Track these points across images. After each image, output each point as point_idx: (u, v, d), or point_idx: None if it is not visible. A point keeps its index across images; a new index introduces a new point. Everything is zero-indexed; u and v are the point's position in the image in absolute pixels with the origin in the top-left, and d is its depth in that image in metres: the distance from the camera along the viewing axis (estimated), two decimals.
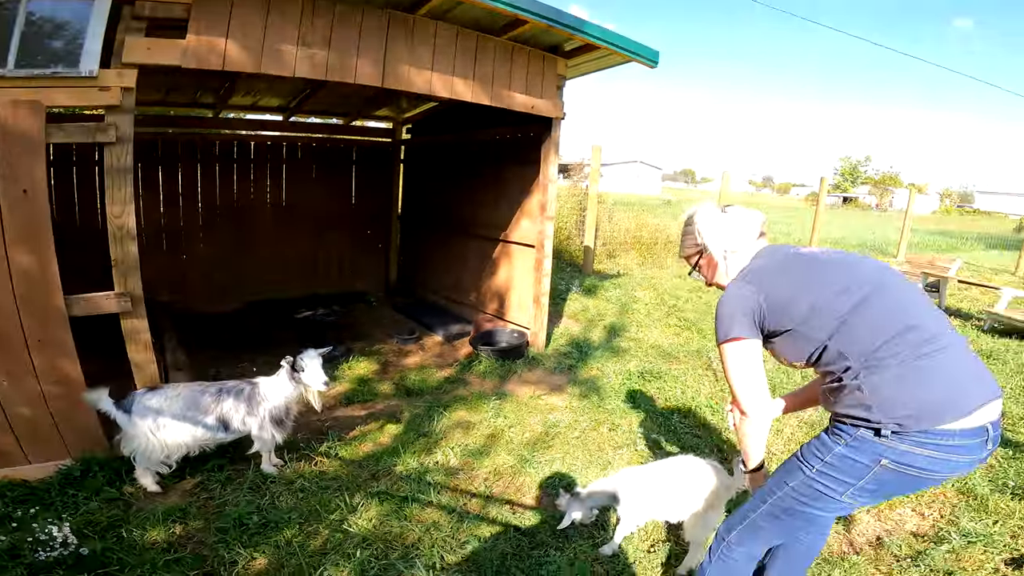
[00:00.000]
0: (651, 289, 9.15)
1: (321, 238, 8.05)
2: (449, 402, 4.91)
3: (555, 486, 3.67)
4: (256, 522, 3.04)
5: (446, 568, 2.81)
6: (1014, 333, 7.46)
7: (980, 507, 3.41)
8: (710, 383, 5.54)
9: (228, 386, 3.56)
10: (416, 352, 6.37)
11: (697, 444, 4.31)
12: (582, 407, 4.94)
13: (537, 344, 6.24)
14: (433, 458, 3.96)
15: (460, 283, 7.53)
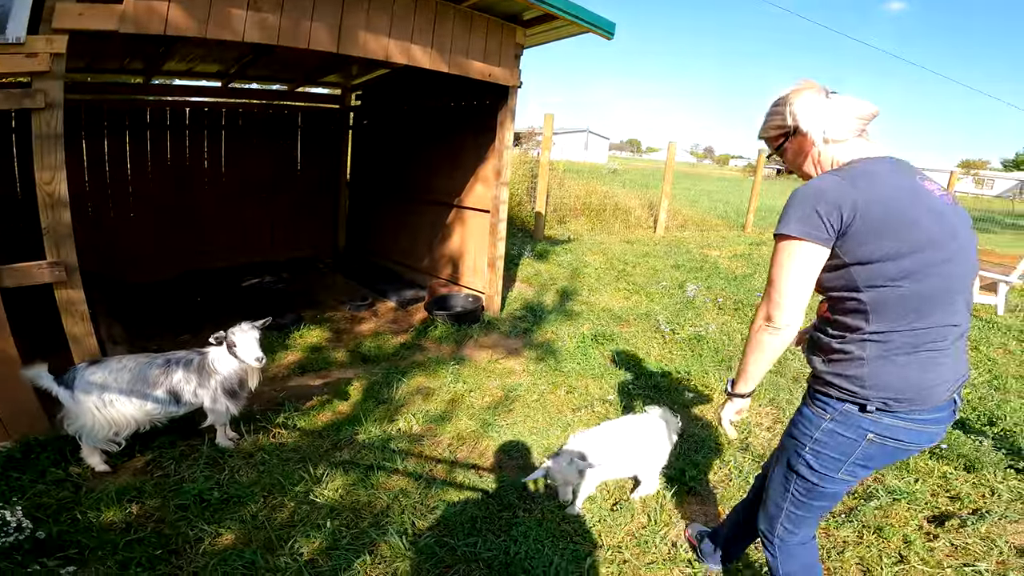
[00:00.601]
0: (601, 254, 9.25)
1: (265, 205, 7.65)
2: (407, 368, 4.85)
3: (518, 449, 3.72)
4: (217, 497, 2.93)
5: (418, 533, 2.81)
6: None
7: (903, 466, 3.64)
8: (659, 345, 5.70)
9: (177, 357, 3.35)
10: (370, 319, 6.23)
11: (650, 401, 4.42)
12: (539, 370, 4.99)
13: (492, 308, 6.23)
14: (395, 425, 3.91)
15: (413, 249, 7.39)
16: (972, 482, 3.42)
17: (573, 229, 11.57)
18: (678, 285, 7.85)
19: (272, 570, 2.49)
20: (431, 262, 7.10)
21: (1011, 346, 6.10)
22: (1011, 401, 4.59)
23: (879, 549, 2.83)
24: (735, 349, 5.61)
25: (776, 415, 4.31)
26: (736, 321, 6.52)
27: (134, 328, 5.15)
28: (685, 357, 5.39)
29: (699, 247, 10.95)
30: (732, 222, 15.74)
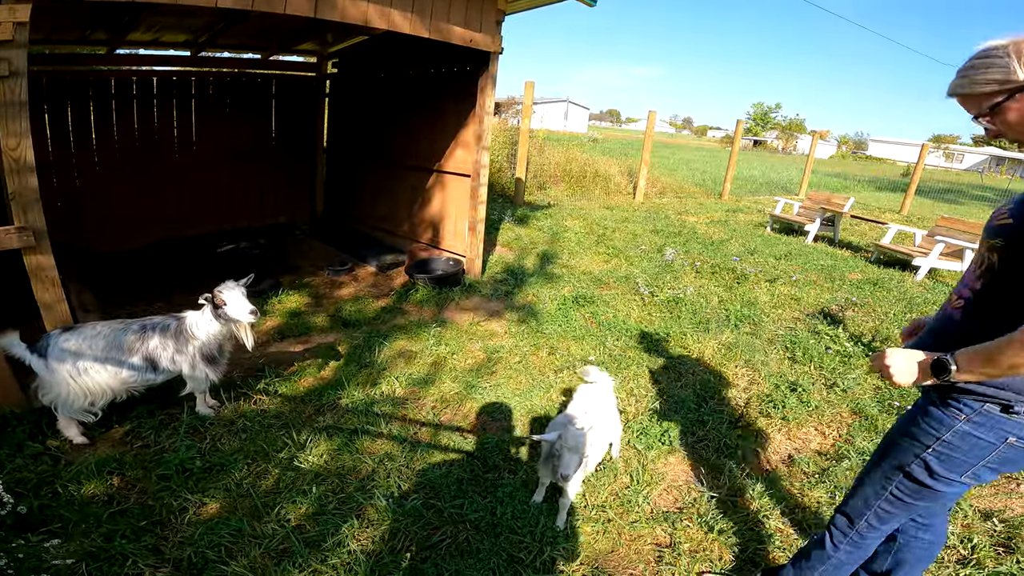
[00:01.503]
0: (581, 219, 9.22)
1: (239, 173, 7.36)
2: (388, 332, 4.79)
3: (501, 411, 3.72)
4: (200, 467, 2.86)
5: (405, 496, 2.79)
6: (896, 263, 8.22)
7: (871, 427, 3.73)
8: (638, 307, 5.71)
9: (153, 322, 3.19)
10: (349, 283, 6.10)
11: (630, 362, 4.48)
12: (521, 332, 4.97)
13: (473, 271, 6.16)
14: (378, 389, 3.86)
15: (392, 214, 7.25)
16: None
17: (553, 195, 11.55)
18: (657, 249, 7.88)
19: (259, 537, 2.45)
20: (411, 227, 6.98)
21: None
22: None
23: None
24: (712, 311, 5.66)
25: (752, 376, 4.38)
26: (713, 284, 6.57)
27: (107, 297, 4.95)
28: (664, 319, 5.42)
29: (677, 213, 11.02)
30: (710, 190, 15.86)
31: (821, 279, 7.14)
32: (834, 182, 22.71)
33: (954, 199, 21.67)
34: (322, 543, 2.45)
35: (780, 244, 9.09)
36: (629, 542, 2.61)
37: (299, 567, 2.32)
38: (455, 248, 6.39)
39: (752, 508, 2.88)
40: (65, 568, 2.17)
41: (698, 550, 2.58)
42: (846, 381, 4.26)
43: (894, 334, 5.24)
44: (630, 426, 3.56)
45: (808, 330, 5.34)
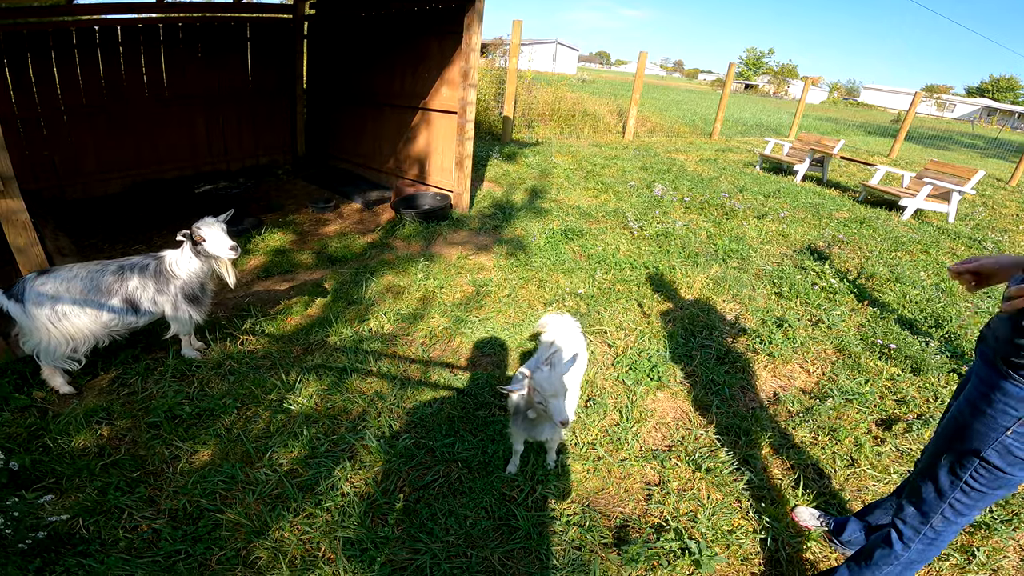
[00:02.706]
0: (569, 156, 8.94)
1: (215, 117, 6.94)
2: (376, 267, 4.63)
3: (491, 345, 3.64)
4: (189, 412, 2.76)
5: (396, 435, 2.73)
6: (883, 204, 8.12)
7: (854, 365, 3.68)
8: (627, 241, 5.57)
9: (131, 263, 2.99)
10: (334, 220, 5.86)
11: (619, 295, 4.39)
12: (510, 265, 4.83)
13: (461, 206, 5.96)
14: (367, 326, 3.75)
15: (377, 152, 6.97)
16: (918, 385, 3.47)
17: (541, 133, 11.20)
18: (646, 185, 7.68)
19: (251, 483, 2.39)
20: (396, 163, 6.72)
21: (959, 251, 6.20)
22: (956, 304, 4.68)
23: (833, 451, 2.87)
24: (701, 245, 5.55)
25: (739, 310, 4.32)
26: (703, 219, 6.43)
27: (84, 242, 4.72)
28: (653, 252, 5.30)
29: (667, 151, 10.76)
30: (699, 130, 15.47)
31: (809, 216, 7.02)
32: (825, 126, 22.20)
33: (944, 145, 21.36)
34: (315, 487, 2.39)
35: (769, 182, 8.90)
36: (619, 480, 2.59)
37: (293, 512, 2.27)
38: (442, 184, 6.17)
39: (739, 447, 2.86)
40: (62, 525, 2.10)
41: (686, 488, 2.56)
42: (831, 317, 4.21)
43: (880, 271, 5.19)
44: (619, 361, 3.52)
45: (795, 266, 5.26)
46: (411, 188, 6.38)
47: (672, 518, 2.37)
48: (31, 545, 1.95)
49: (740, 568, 2.19)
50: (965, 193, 7.33)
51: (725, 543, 2.27)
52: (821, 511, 2.44)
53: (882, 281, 5.03)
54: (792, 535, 2.34)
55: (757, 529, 2.36)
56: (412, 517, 2.28)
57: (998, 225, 7.54)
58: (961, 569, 2.24)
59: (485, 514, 2.32)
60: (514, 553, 2.18)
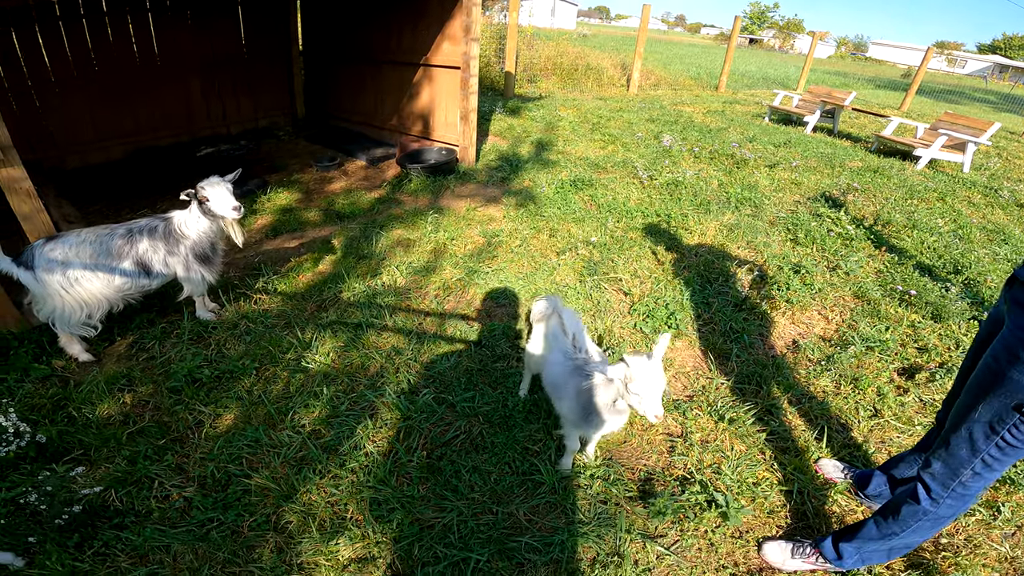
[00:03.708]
0: (574, 109, 8.63)
1: (211, 81, 6.64)
2: (384, 222, 4.47)
3: (506, 295, 3.52)
4: (209, 375, 2.67)
5: (415, 391, 2.65)
6: (896, 154, 7.86)
7: (873, 312, 3.53)
8: (637, 190, 5.37)
9: (139, 225, 2.85)
10: (339, 177, 5.66)
11: (632, 243, 4.24)
12: (520, 216, 4.67)
13: (467, 159, 5.74)
14: (379, 280, 3.62)
15: (379, 109, 6.72)
16: (939, 333, 3.34)
17: (544, 88, 10.83)
18: (653, 136, 7.42)
19: (276, 446, 2.32)
20: (399, 120, 6.48)
21: (975, 199, 5.98)
22: (975, 251, 4.51)
23: (856, 401, 2.77)
24: (712, 194, 5.36)
25: (754, 257, 4.17)
26: (713, 168, 6.19)
27: (88, 208, 4.55)
28: (664, 201, 5.12)
29: (672, 104, 10.39)
30: (705, 83, 14.90)
31: (821, 166, 6.76)
32: (833, 79, 21.40)
33: (955, 100, 20.59)
34: (338, 447, 2.32)
35: (779, 133, 8.58)
36: (641, 432, 2.51)
37: (319, 474, 2.20)
38: (447, 138, 5.95)
39: (760, 396, 2.77)
40: (96, 497, 2.04)
41: (709, 440, 2.49)
42: (848, 264, 4.07)
43: (896, 218, 5.00)
44: (635, 309, 3.40)
45: (809, 213, 5.07)
46: (415, 144, 6.16)
47: (696, 470, 2.30)
48: (68, 520, 1.89)
49: (766, 520, 2.13)
50: (980, 144, 7.09)
51: (751, 495, 2.20)
52: (845, 463, 2.35)
53: (899, 228, 4.85)
54: (817, 488, 2.27)
55: (782, 481, 2.29)
56: (436, 474, 2.22)
57: (1013, 175, 7.28)
58: (987, 525, 2.16)
59: (509, 469, 2.26)
60: (539, 508, 2.11)
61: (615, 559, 1.92)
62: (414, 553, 1.91)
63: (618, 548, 1.97)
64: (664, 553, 1.97)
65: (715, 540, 2.02)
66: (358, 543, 1.94)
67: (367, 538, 1.95)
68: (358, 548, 1.93)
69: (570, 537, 1.99)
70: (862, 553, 1.79)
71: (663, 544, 2.00)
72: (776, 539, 2.00)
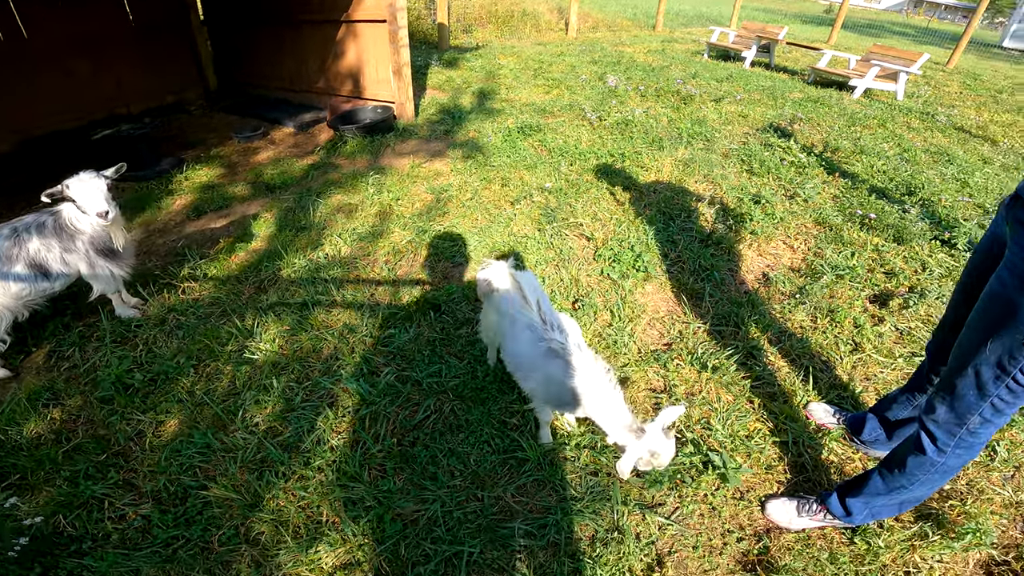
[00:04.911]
0: (513, 56, 8.24)
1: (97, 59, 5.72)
2: (321, 188, 4.09)
3: (462, 253, 3.26)
4: (142, 380, 2.34)
5: (375, 371, 2.40)
6: (832, 84, 7.97)
7: (836, 238, 3.46)
8: (587, 131, 5.14)
9: (24, 223, 2.41)
10: (266, 147, 5.15)
11: (588, 186, 4.04)
12: (468, 168, 4.37)
13: (406, 115, 5.34)
14: (321, 252, 3.29)
15: (302, 72, 6.11)
16: (904, 256, 3.30)
17: (480, 37, 10.34)
18: (598, 78, 7.17)
19: (230, 450, 2.05)
20: (326, 82, 5.93)
21: (914, 124, 6.01)
22: (924, 172, 4.51)
23: (834, 335, 2.67)
24: (663, 130, 5.19)
25: (713, 189, 4.04)
26: (660, 106, 6.02)
27: None
28: (616, 140, 4.92)
29: (613, 45, 10.14)
30: (642, 23, 14.68)
31: (764, 98, 6.69)
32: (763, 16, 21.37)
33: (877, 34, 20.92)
34: (300, 444, 2.07)
35: (719, 69, 8.49)
36: (622, 389, 2.35)
37: (283, 476, 1.96)
38: (381, 96, 5.49)
39: (739, 338, 2.64)
40: (44, 526, 1.76)
41: (694, 392, 2.34)
42: (805, 191, 3.99)
43: (844, 145, 4.98)
44: (600, 254, 3.22)
45: (760, 143, 4.97)
46: (347, 104, 5.69)
47: (685, 427, 2.16)
48: (20, 553, 1.63)
49: (765, 477, 2.01)
50: (911, 74, 7.26)
51: (745, 451, 2.08)
52: (835, 406, 2.25)
53: (848, 154, 4.82)
54: (811, 436, 2.15)
55: (774, 431, 2.17)
56: (411, 463, 2.00)
57: (945, 101, 7.41)
58: (985, 467, 2.08)
59: (488, 448, 2.06)
60: (527, 488, 1.94)
61: (615, 535, 1.78)
62: (401, 553, 1.72)
63: (617, 523, 1.82)
64: (665, 523, 1.84)
65: (716, 504, 1.90)
66: (339, 548, 1.73)
67: (348, 542, 1.74)
68: (340, 554, 1.72)
69: (564, 516, 1.82)
70: (871, 508, 1.69)
71: (663, 514, 1.86)
72: (779, 497, 1.89)
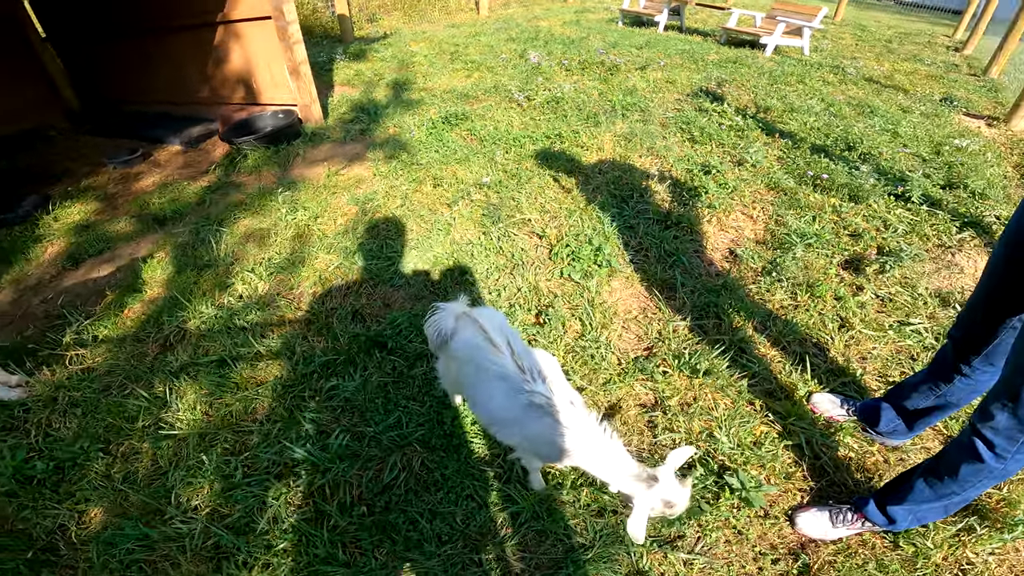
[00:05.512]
0: (426, 42, 7.82)
1: None
2: (223, 215, 3.62)
3: (401, 273, 2.94)
4: (44, 469, 2.00)
5: (325, 430, 2.06)
6: (744, 44, 8.14)
7: (794, 203, 3.39)
8: (518, 114, 4.88)
9: None
10: (149, 171, 4.55)
11: (530, 175, 3.81)
12: (393, 170, 4.02)
13: (313, 118, 4.86)
14: (233, 293, 2.87)
15: (181, 83, 5.46)
16: (863, 215, 3.27)
17: (388, 25, 9.83)
18: (518, 55, 6.93)
19: (174, 539, 1.73)
20: (212, 90, 5.32)
21: (828, 78, 6.15)
22: (855, 126, 4.57)
23: (818, 312, 2.57)
24: (596, 104, 5.02)
25: (660, 163, 3.90)
26: (588, 79, 5.85)
27: None
28: (550, 120, 4.71)
29: (527, 20, 9.98)
30: None
31: (686, 62, 6.68)
32: None
33: None
34: (254, 526, 1.75)
35: (636, 36, 8.47)
36: (611, 412, 2.14)
37: (246, 566, 1.65)
38: (280, 99, 4.97)
39: (723, 332, 2.48)
40: None
41: (689, 402, 2.15)
42: (751, 155, 3.92)
43: (773, 104, 5.00)
44: (556, 253, 3.00)
45: (695, 109, 4.90)
46: (241, 112, 5.14)
47: (689, 444, 1.97)
48: None
49: (786, 487, 1.85)
50: (814, 29, 7.53)
51: (758, 461, 1.91)
52: (839, 395, 2.12)
53: (779, 113, 4.83)
54: (824, 434, 2.01)
55: (783, 433, 2.02)
56: (390, 532, 1.72)
57: (847, 54, 7.72)
58: None
59: (474, 503, 1.80)
60: (528, 542, 1.70)
61: None
62: None
63: (637, 566, 1.61)
64: (690, 558, 1.64)
65: (740, 526, 1.73)
66: None
67: None
68: None
69: (577, 569, 1.61)
70: (916, 514, 1.57)
71: (685, 548, 1.67)
72: (807, 508, 1.74)
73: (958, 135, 4.41)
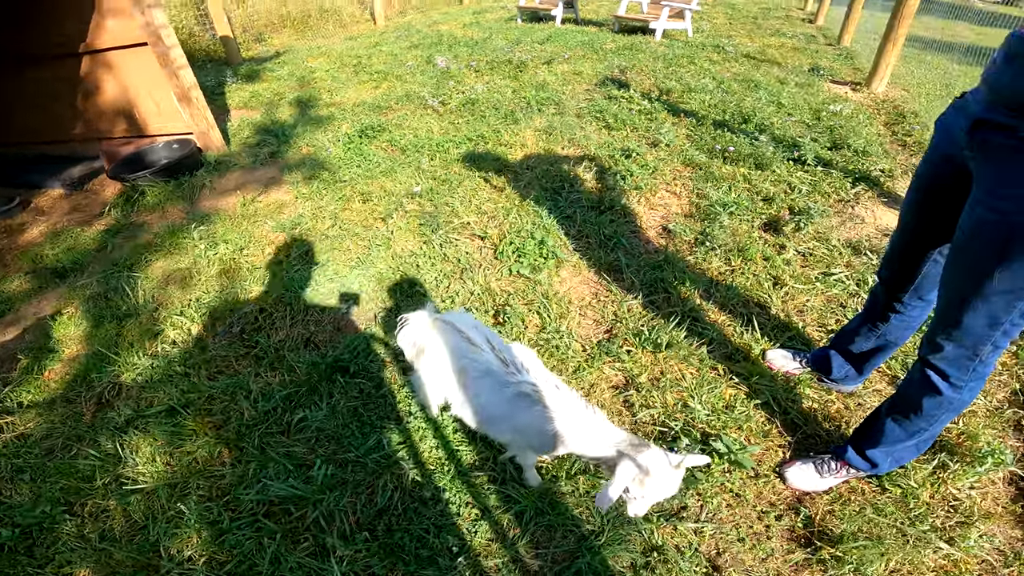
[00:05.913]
0: (325, 57, 7.65)
1: None
2: (132, 259, 3.38)
3: (345, 296, 2.89)
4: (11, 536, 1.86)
5: (303, 464, 1.99)
6: (636, 30, 8.59)
7: (709, 176, 3.70)
8: (435, 120, 4.93)
9: None
10: (33, 220, 4.14)
11: (460, 178, 3.87)
12: (316, 191, 3.93)
13: (213, 145, 4.63)
14: (165, 340, 2.71)
15: (51, 120, 4.96)
16: (770, 180, 3.63)
17: (278, 43, 9.45)
18: (425, 61, 6.97)
19: None
20: (86, 126, 4.89)
21: (713, 57, 6.66)
22: (745, 99, 4.99)
23: (753, 274, 2.82)
24: (511, 102, 5.18)
25: (582, 152, 4.10)
26: (498, 78, 6.01)
27: None
28: (469, 123, 4.80)
29: (427, 26, 10.01)
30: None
31: (587, 53, 7.01)
32: None
33: None
34: (257, 569, 1.69)
35: (536, 31, 8.75)
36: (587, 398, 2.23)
37: None
38: (170, 128, 4.67)
39: (673, 304, 2.66)
40: None
41: (658, 376, 2.29)
42: (664, 136, 4.22)
43: (673, 86, 5.37)
44: (502, 252, 3.07)
45: (604, 97, 5.18)
46: (128, 146, 4.76)
47: (668, 417, 2.10)
48: None
49: (768, 445, 2.02)
50: (694, 11, 8.07)
51: (735, 424, 2.07)
52: (790, 349, 2.33)
53: (679, 94, 5.18)
54: (786, 388, 2.20)
55: (750, 393, 2.19)
56: (399, 554, 1.72)
57: (723, 33, 8.36)
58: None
59: (476, 511, 1.82)
60: (537, 538, 1.75)
61: (654, 555, 1.66)
62: None
63: (650, 542, 1.71)
64: (699, 526, 1.76)
65: (737, 489, 1.87)
66: None
67: None
68: None
69: (594, 556, 1.67)
70: (894, 455, 1.74)
71: (691, 517, 1.79)
72: (792, 463, 1.91)
73: (831, 101, 4.92)
